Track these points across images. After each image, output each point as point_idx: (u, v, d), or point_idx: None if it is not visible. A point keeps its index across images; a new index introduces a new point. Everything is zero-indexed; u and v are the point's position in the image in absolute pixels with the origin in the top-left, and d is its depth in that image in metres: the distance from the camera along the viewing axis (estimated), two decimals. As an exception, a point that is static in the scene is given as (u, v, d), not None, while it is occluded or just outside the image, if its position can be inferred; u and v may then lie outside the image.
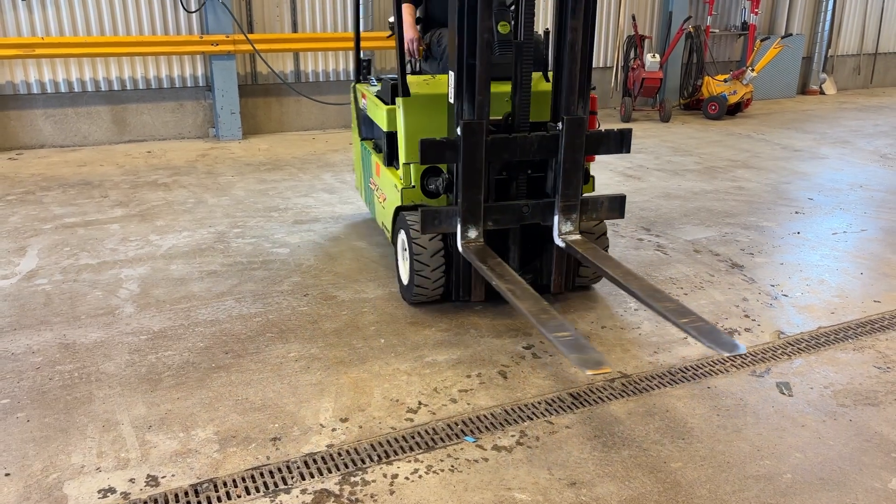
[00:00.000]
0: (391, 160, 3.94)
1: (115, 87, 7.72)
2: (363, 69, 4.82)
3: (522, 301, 2.79)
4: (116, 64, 7.66)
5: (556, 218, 3.36)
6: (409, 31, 4.33)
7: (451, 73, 3.20)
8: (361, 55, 4.96)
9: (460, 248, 3.31)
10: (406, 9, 4.36)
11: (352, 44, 8.09)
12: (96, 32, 7.46)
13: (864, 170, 6.76)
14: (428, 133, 3.46)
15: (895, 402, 2.89)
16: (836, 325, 3.59)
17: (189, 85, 8.02)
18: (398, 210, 3.71)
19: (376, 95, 4.06)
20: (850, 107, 10.70)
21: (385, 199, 4.00)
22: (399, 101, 3.52)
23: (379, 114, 3.92)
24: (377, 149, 4.28)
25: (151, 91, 7.88)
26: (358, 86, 4.61)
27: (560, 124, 3.26)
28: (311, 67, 8.57)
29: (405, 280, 3.68)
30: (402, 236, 3.67)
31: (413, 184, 3.59)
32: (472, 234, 3.28)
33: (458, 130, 3.15)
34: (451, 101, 3.24)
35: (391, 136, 3.84)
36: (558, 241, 3.37)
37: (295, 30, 8.36)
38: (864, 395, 2.95)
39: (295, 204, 5.56)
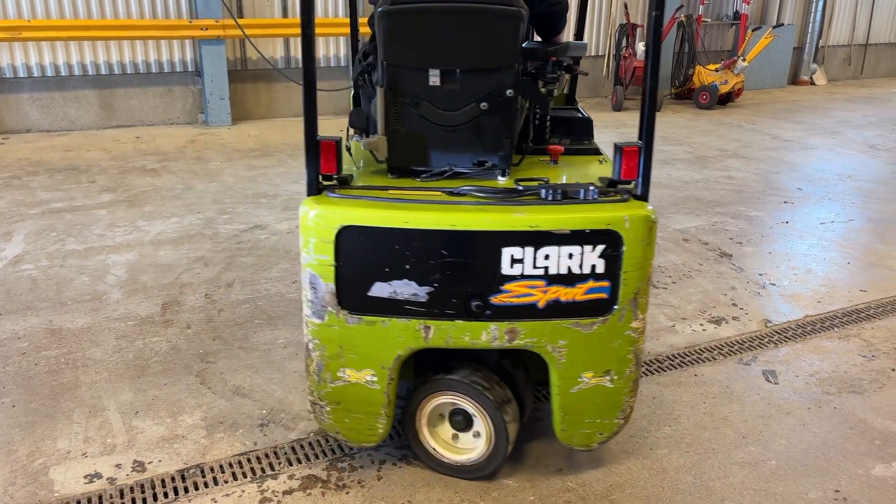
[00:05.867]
0: None
1: (103, 72, 7.64)
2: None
3: None
4: (104, 48, 7.58)
5: None
6: None
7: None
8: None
9: None
10: None
11: (346, 29, 7.74)
12: (84, 15, 7.37)
13: (853, 160, 6.79)
14: None
15: (880, 389, 2.92)
16: (822, 313, 3.62)
17: (178, 70, 7.96)
18: None
19: None
20: (840, 97, 10.73)
21: None
22: None
23: None
24: None
25: (140, 76, 7.81)
26: None
27: None
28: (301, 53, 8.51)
29: None
30: None
31: None
32: None
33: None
34: None
35: None
36: None
37: (286, 15, 8.29)
38: (848, 383, 2.98)
39: (284, 191, 5.54)
